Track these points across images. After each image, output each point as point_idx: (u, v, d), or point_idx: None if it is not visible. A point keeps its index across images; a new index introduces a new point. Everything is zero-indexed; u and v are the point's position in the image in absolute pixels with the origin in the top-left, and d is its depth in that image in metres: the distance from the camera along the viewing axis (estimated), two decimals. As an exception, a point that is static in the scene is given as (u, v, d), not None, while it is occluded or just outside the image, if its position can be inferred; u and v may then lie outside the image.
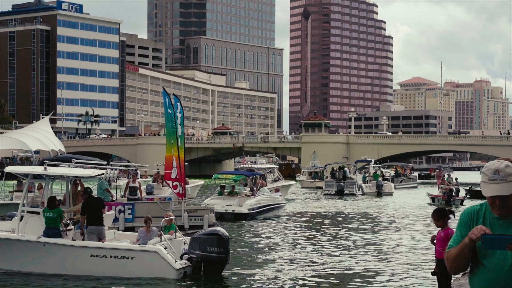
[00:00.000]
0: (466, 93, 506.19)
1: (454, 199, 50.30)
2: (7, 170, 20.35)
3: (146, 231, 19.11)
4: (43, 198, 20.21)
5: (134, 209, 26.92)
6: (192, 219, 27.50)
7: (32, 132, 48.09)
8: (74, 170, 21.17)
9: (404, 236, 30.48)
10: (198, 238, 18.42)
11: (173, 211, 26.65)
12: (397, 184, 76.96)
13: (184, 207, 27.64)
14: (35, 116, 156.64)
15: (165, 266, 17.96)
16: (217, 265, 18.37)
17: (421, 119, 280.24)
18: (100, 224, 19.09)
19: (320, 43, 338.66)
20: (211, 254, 18.13)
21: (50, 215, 18.59)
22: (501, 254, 4.65)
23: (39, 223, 18.84)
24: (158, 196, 33.94)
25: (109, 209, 25.76)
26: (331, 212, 44.25)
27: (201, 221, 27.58)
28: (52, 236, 18.60)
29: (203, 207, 28.67)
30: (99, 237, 18.90)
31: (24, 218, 19.09)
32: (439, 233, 12.72)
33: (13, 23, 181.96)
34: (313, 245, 26.94)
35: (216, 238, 18.24)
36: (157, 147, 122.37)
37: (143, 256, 18.20)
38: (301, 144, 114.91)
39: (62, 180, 22.32)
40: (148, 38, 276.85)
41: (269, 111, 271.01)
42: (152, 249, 18.15)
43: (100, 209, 19.30)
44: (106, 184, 26.93)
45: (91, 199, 19.49)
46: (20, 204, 19.54)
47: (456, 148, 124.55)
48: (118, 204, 26.87)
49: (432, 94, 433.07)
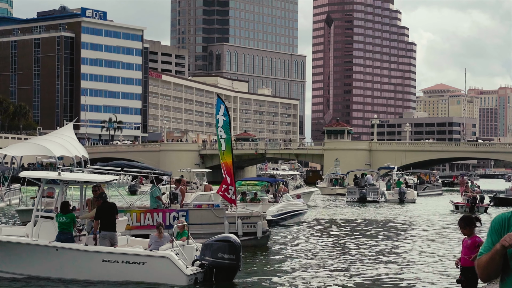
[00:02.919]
0: (490, 100, 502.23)
1: (478, 206, 49.73)
2: (21, 175, 20.49)
3: (158, 236, 19.03)
4: (57, 203, 20.24)
5: (188, 216, 26.80)
6: (245, 226, 27.28)
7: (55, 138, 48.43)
8: (87, 176, 21.14)
9: (427, 244, 30.14)
10: (210, 244, 18.33)
11: (227, 218, 26.71)
12: (420, 191, 76.39)
13: (237, 214, 27.53)
14: (59, 122, 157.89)
15: (176, 272, 17.92)
16: (228, 272, 18.28)
17: (445, 126, 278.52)
18: (113, 229, 19.08)
19: (342, 49, 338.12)
20: (223, 260, 18.04)
21: (63, 220, 18.63)
22: None
23: (52, 228, 18.89)
24: (205, 203, 33.71)
25: (164, 216, 25.78)
26: (352, 219, 43.97)
27: (254, 228, 27.29)
28: (64, 240, 18.65)
29: (256, 214, 28.39)
30: (111, 242, 18.88)
31: (38, 223, 19.15)
32: (465, 241, 12.58)
33: (38, 30, 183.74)
34: (332, 253, 26.66)
35: (228, 245, 18.15)
36: (179, 154, 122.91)
37: (154, 261, 18.17)
38: (324, 151, 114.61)
39: (76, 185, 22.28)
40: (171, 44, 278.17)
41: (292, 117, 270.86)
42: (163, 255, 18.13)
43: (114, 215, 19.28)
44: (158, 192, 26.94)
45: (106, 205, 19.46)
46: (34, 209, 19.60)
47: (480, 155, 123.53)
48: (172, 211, 26.75)
49: (456, 101, 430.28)
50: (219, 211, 27.36)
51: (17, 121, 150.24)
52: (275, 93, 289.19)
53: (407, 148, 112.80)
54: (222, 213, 27.13)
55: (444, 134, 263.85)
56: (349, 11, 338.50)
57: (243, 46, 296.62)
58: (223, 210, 27.43)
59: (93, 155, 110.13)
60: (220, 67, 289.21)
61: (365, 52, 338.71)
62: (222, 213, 27.13)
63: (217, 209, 27.55)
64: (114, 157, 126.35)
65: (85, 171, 23.68)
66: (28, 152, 51.29)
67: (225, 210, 27.50)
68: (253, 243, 26.93)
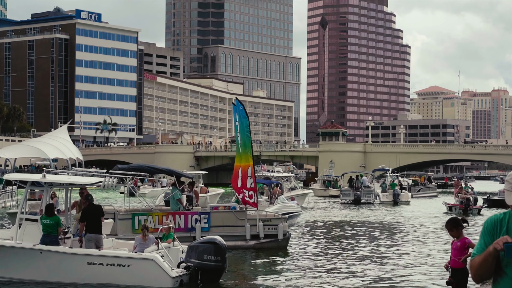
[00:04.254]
0: (484, 102, 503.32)
1: (472, 208, 49.88)
2: (6, 178, 20.46)
3: (142, 239, 18.93)
4: (41, 206, 20.08)
5: (209, 219, 26.79)
6: (266, 228, 27.28)
7: (50, 140, 48.34)
8: (72, 178, 20.92)
9: (418, 245, 30.16)
10: (196, 246, 18.26)
11: (248, 220, 26.76)
12: (414, 193, 76.58)
13: (259, 216, 27.52)
14: (53, 124, 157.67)
15: (161, 274, 17.82)
16: (214, 273, 18.22)
17: (439, 128, 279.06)
18: (98, 232, 18.96)
19: (337, 52, 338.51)
20: (209, 262, 17.98)
21: (48, 222, 18.51)
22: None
23: (37, 230, 18.77)
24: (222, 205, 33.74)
25: (186, 219, 25.90)
26: (346, 221, 44.03)
27: (275, 230, 27.27)
28: (49, 243, 18.51)
29: (277, 217, 28.43)
30: (97, 245, 18.77)
31: (23, 225, 19.03)
32: (454, 243, 12.67)
33: (32, 32, 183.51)
34: (321, 254, 26.65)
35: (213, 246, 18.10)
36: (174, 156, 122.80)
37: (139, 264, 18.07)
38: (318, 153, 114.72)
39: (61, 187, 22.15)
40: (166, 46, 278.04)
41: (286, 119, 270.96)
42: (148, 257, 18.01)
43: (100, 217, 19.15)
44: (179, 195, 26.94)
45: (92, 207, 19.33)
46: (19, 212, 19.46)
47: (474, 157, 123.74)
48: (194, 214, 26.72)
49: (450, 103, 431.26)
50: (241, 213, 27.31)
51: (11, 123, 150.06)
52: (270, 95, 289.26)
53: (401, 150, 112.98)
54: (243, 216, 27.14)
55: (438, 136, 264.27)
56: (343, 13, 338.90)
57: (238, 48, 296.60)
58: (244, 212, 27.36)
59: (87, 157, 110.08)
60: (215, 69, 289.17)
61: (359, 54, 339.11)
62: (243, 216, 27.14)
63: (238, 211, 27.46)
64: (109, 159, 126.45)
65: (70, 173, 23.64)
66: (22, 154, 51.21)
67: (246, 212, 27.49)
68: (274, 245, 27.04)
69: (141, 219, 25.42)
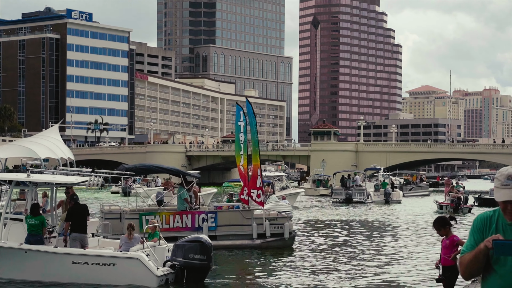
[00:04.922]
0: (475, 102, 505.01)
1: (462, 207, 50.04)
2: None
3: (128, 238, 18.85)
4: (27, 205, 19.98)
5: (216, 218, 26.84)
6: (273, 227, 27.43)
7: (41, 140, 48.13)
8: (57, 177, 20.82)
9: (408, 243, 30.24)
10: (182, 245, 18.22)
11: (254, 219, 26.83)
12: (406, 192, 76.83)
13: (265, 215, 27.58)
14: (45, 124, 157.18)
15: (147, 273, 17.78)
16: (199, 272, 18.22)
17: (430, 128, 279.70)
18: (83, 231, 18.88)
19: (329, 51, 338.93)
20: (194, 261, 17.97)
21: (33, 222, 18.45)
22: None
23: (21, 230, 18.70)
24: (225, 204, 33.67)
25: (193, 218, 26.00)
26: (336, 220, 44.11)
27: (281, 229, 27.48)
28: (33, 243, 18.45)
29: (283, 216, 28.55)
30: (82, 244, 18.70)
31: (7, 225, 18.95)
32: (444, 241, 12.71)
33: (23, 32, 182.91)
34: (310, 253, 26.73)
35: (199, 245, 18.08)
36: (166, 155, 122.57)
37: (124, 263, 18.01)
38: (310, 152, 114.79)
39: (46, 187, 22.08)
40: (158, 46, 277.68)
41: (278, 119, 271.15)
42: (133, 256, 17.96)
43: (85, 217, 19.08)
44: (186, 194, 26.98)
45: (77, 206, 19.24)
46: (3, 211, 19.34)
47: (465, 156, 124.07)
48: (201, 213, 26.79)
49: (441, 102, 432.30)
50: (248, 212, 27.46)
51: (1, 122, 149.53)
52: (262, 95, 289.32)
53: (393, 149, 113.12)
54: (250, 215, 27.29)
55: (430, 135, 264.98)
56: (335, 13, 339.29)
57: (230, 48, 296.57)
58: (251, 211, 27.50)
59: (79, 157, 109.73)
60: (207, 69, 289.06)
61: (351, 54, 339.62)
62: (250, 215, 27.29)
63: (245, 210, 27.58)
64: (100, 159, 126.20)
65: (56, 172, 23.58)
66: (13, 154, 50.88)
67: (253, 211, 27.54)
68: (280, 244, 27.22)
69: (148, 218, 25.33)
